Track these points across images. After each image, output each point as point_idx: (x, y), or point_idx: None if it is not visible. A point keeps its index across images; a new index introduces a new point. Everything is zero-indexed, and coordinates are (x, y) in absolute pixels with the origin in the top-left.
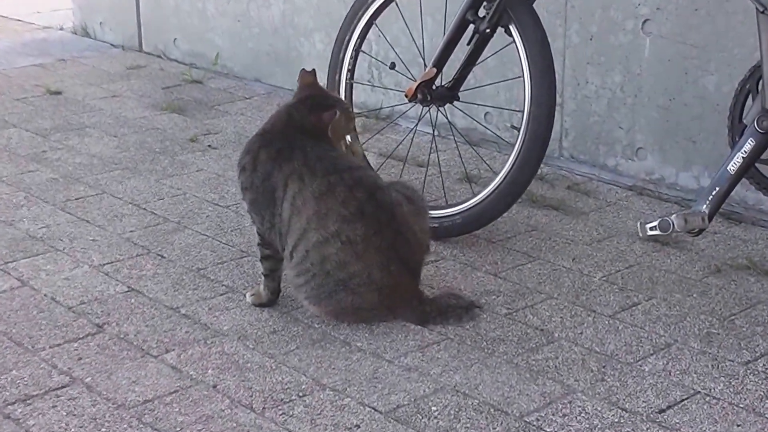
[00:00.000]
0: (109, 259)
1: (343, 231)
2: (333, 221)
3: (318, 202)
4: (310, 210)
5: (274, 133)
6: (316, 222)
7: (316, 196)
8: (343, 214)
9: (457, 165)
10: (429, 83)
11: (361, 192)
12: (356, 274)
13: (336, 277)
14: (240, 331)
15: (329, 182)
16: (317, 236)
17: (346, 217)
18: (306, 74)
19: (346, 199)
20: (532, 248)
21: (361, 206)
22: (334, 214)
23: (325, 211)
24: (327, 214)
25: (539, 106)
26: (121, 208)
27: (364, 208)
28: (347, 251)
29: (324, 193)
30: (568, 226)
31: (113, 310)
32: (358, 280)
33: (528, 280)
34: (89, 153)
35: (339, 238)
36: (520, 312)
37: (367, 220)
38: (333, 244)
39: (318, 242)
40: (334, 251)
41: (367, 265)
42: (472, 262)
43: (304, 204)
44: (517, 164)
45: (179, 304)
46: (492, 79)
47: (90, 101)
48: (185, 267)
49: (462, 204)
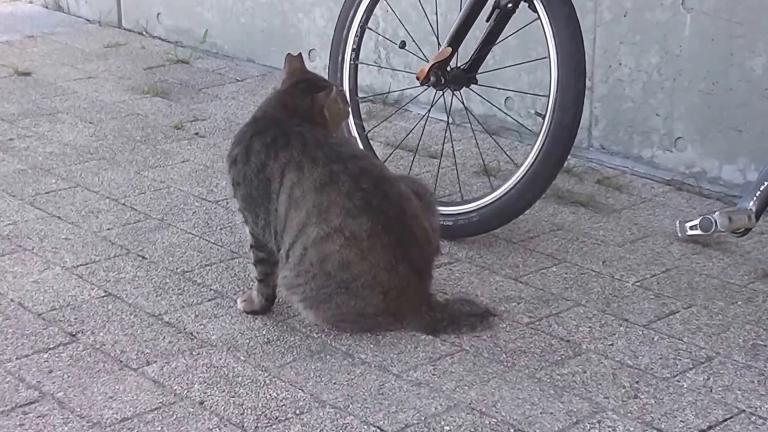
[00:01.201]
0: (83, 260)
1: (347, 226)
2: (336, 215)
3: (319, 194)
4: (309, 202)
5: (268, 120)
6: (317, 216)
7: (317, 187)
8: (346, 206)
9: (474, 156)
10: (443, 64)
11: (366, 183)
12: (360, 275)
13: (338, 278)
14: (230, 342)
15: (331, 171)
16: (317, 232)
17: (351, 210)
18: (293, 59)
19: (350, 191)
20: (558, 250)
21: (367, 198)
22: (336, 207)
23: (326, 203)
24: (329, 207)
25: (566, 90)
26: (97, 203)
27: (370, 201)
28: (351, 249)
29: (326, 184)
30: (597, 225)
31: (88, 317)
32: (362, 282)
33: (552, 285)
34: (61, 141)
35: (342, 233)
36: (543, 321)
37: (374, 214)
38: (335, 240)
39: (318, 238)
40: (336, 249)
41: (372, 265)
42: (489, 265)
43: (303, 196)
44: (541, 156)
45: (162, 311)
46: (513, 60)
47: (62, 83)
48: (169, 269)
49: (479, 200)
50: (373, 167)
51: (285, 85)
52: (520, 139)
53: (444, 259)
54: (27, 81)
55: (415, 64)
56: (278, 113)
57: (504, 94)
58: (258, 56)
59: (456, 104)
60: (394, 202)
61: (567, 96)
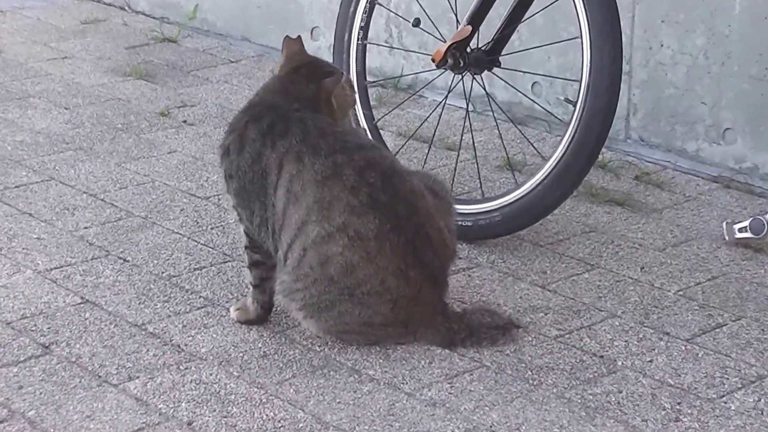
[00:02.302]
0: (57, 263)
1: (351, 224)
2: (338, 212)
3: (320, 188)
4: (310, 198)
5: (264, 106)
6: (318, 213)
7: (319, 180)
8: (351, 203)
9: (497, 148)
10: (462, 45)
11: (374, 176)
12: (366, 281)
13: (341, 283)
14: (222, 355)
15: (335, 163)
16: (318, 231)
17: (356, 207)
18: (291, 42)
19: (355, 185)
20: (590, 254)
21: (374, 194)
22: (340, 203)
23: (329, 199)
24: (331, 203)
25: (601, 75)
26: (73, 198)
27: (378, 197)
28: (355, 250)
29: (328, 177)
30: (635, 227)
31: (63, 326)
32: (368, 288)
33: (584, 294)
34: (33, 129)
35: (345, 233)
36: (573, 334)
37: (382, 211)
38: (338, 240)
39: (319, 238)
40: (338, 250)
41: (379, 269)
42: (513, 271)
43: (303, 190)
44: (571, 148)
45: (145, 320)
46: (541, 41)
47: (35, 64)
48: (153, 273)
49: (502, 197)
50: (383, 159)
51: (284, 70)
52: (548, 129)
53: (462, 263)
54: None
55: (431, 44)
56: (277, 99)
57: (530, 78)
58: (254, 35)
59: (476, 90)
60: (405, 199)
61: (601, 81)
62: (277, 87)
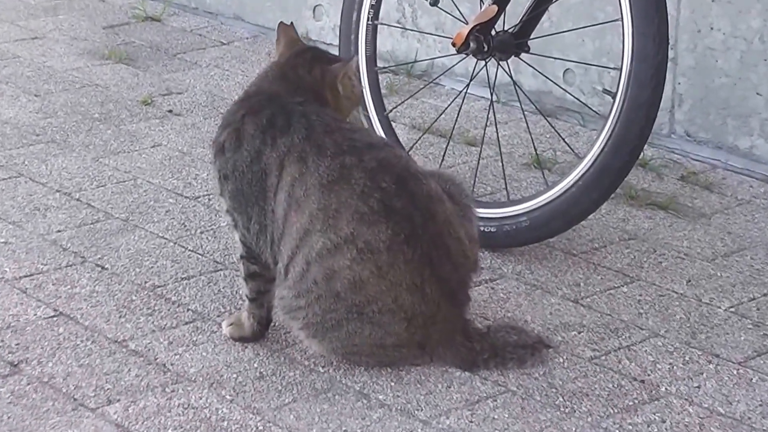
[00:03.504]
0: (27, 271)
1: (361, 234)
2: (347, 220)
3: (326, 193)
4: (313, 204)
5: (263, 96)
6: (323, 221)
7: (324, 184)
8: (360, 210)
9: (524, 143)
10: (486, 27)
11: (387, 179)
12: (376, 298)
13: (348, 300)
14: (213, 376)
15: (343, 165)
16: (324, 241)
17: (365, 214)
18: (287, 28)
19: (366, 190)
20: (630, 265)
21: (386, 200)
22: (348, 211)
23: (335, 205)
24: (338, 211)
25: (643, 61)
26: (44, 197)
27: (391, 203)
28: (365, 264)
29: (335, 181)
30: (680, 234)
31: (33, 342)
32: (380, 306)
33: (623, 309)
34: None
35: (354, 244)
36: (611, 355)
37: (395, 219)
38: (345, 253)
39: (324, 250)
40: (346, 264)
41: (392, 285)
42: (543, 283)
43: (306, 195)
44: (610, 144)
45: (126, 336)
46: (575, 23)
47: (1, 45)
48: (135, 283)
49: (530, 200)
50: (396, 160)
51: (284, 57)
52: (582, 122)
53: (484, 274)
54: None
55: (450, 25)
56: (277, 88)
57: (562, 65)
58: (248, 13)
59: (501, 77)
60: (422, 205)
61: (644, 69)
62: (276, 74)
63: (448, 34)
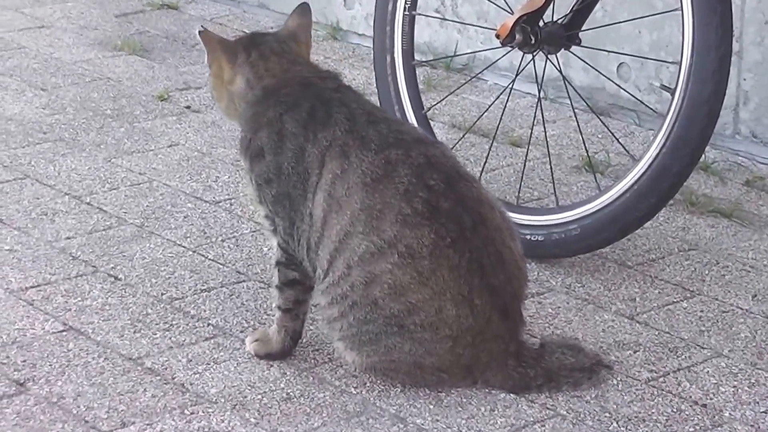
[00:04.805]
0: (34, 281)
1: (403, 237)
2: (390, 222)
3: (370, 192)
4: (356, 204)
5: (295, 87)
6: (365, 223)
7: (368, 182)
8: (404, 211)
9: (574, 144)
10: (534, 17)
11: (435, 178)
12: (418, 308)
13: (386, 310)
14: (235, 397)
15: (388, 161)
16: (366, 245)
17: (408, 216)
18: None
19: (410, 188)
20: (690, 278)
21: (433, 200)
22: (392, 212)
23: (379, 205)
24: (382, 211)
25: (705, 54)
26: (52, 201)
27: (438, 203)
28: (406, 269)
29: (379, 179)
30: (746, 245)
31: (41, 359)
32: (422, 319)
33: (682, 327)
34: (2, 115)
35: (396, 248)
36: (670, 377)
37: (441, 221)
38: (388, 257)
39: (368, 254)
40: (387, 268)
41: (435, 294)
42: (595, 298)
43: (348, 194)
44: (668, 145)
45: (142, 353)
46: (631, 13)
47: (4, 34)
48: (151, 295)
49: (581, 206)
50: (445, 159)
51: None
52: (638, 121)
53: (531, 288)
54: None
55: (494, 15)
56: (307, 76)
57: (616, 58)
58: (273, 0)
59: (550, 72)
60: (472, 208)
61: (706, 63)
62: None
63: (492, 24)
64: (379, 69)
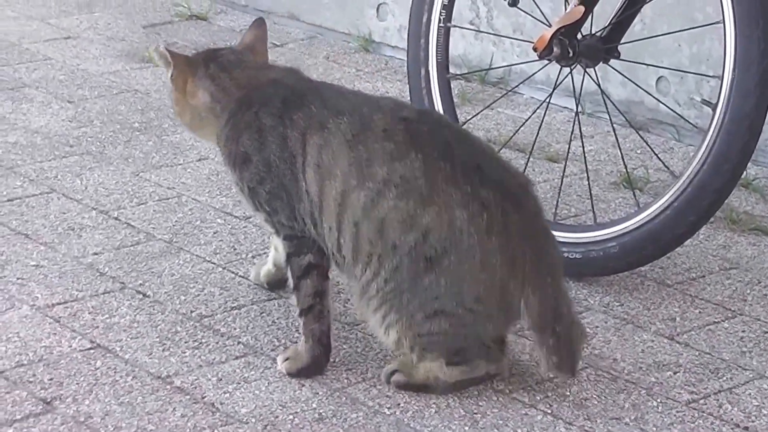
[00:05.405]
0: (61, 298)
1: (394, 171)
2: (379, 164)
3: (353, 147)
4: (344, 162)
5: (264, 89)
6: (357, 175)
7: (349, 139)
8: (388, 148)
9: (612, 159)
10: (572, 30)
11: (406, 111)
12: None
13: (405, 247)
14: (266, 417)
15: (362, 117)
16: (365, 194)
17: (394, 150)
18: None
19: (388, 128)
20: (731, 297)
21: (411, 128)
22: (378, 154)
23: (365, 155)
24: (369, 159)
25: (747, 68)
26: (79, 216)
27: (416, 129)
28: (407, 197)
29: (358, 133)
30: None
31: (68, 377)
32: (439, 238)
33: (724, 347)
34: (29, 128)
35: (391, 183)
36: (711, 399)
37: (425, 143)
38: (387, 195)
39: (369, 202)
40: (390, 205)
41: (443, 208)
42: (634, 317)
43: (334, 158)
44: (709, 161)
45: (171, 371)
46: (670, 26)
47: (30, 45)
48: (180, 312)
49: (620, 223)
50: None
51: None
52: (677, 136)
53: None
54: None
55: (529, 27)
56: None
57: (655, 72)
58: (303, 12)
59: (587, 85)
60: (450, 126)
61: (748, 77)
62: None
63: (527, 37)
64: (413, 82)
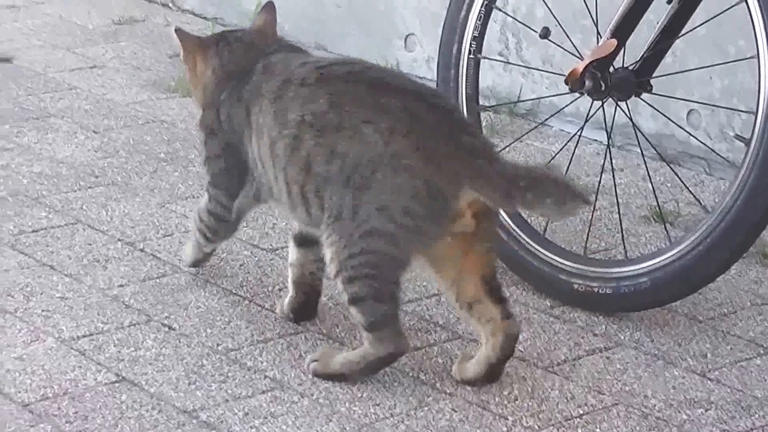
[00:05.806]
0: (86, 330)
1: (305, 110)
2: (294, 110)
3: (275, 102)
4: (268, 117)
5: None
6: (278, 125)
7: (272, 98)
8: (301, 93)
9: (643, 193)
10: (605, 63)
11: (322, 62)
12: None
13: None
14: None
15: (286, 77)
16: (284, 140)
17: (305, 93)
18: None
19: (303, 76)
20: (763, 333)
21: (323, 71)
22: (293, 101)
23: (284, 104)
24: (287, 107)
25: None
26: (104, 247)
27: (328, 71)
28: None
29: (281, 90)
30: None
31: (93, 411)
32: (358, 154)
33: (756, 384)
34: (54, 158)
35: (303, 122)
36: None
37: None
38: (304, 136)
39: (289, 148)
40: (310, 144)
41: (354, 126)
42: (664, 353)
43: (263, 117)
44: (743, 196)
45: (197, 405)
46: (702, 60)
47: (55, 74)
48: (206, 345)
49: (651, 259)
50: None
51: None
52: (708, 170)
53: (599, 342)
54: (5, 70)
55: (560, 60)
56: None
57: (686, 105)
58: (331, 41)
59: (618, 118)
60: (372, 68)
61: None
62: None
63: (557, 69)
64: None
